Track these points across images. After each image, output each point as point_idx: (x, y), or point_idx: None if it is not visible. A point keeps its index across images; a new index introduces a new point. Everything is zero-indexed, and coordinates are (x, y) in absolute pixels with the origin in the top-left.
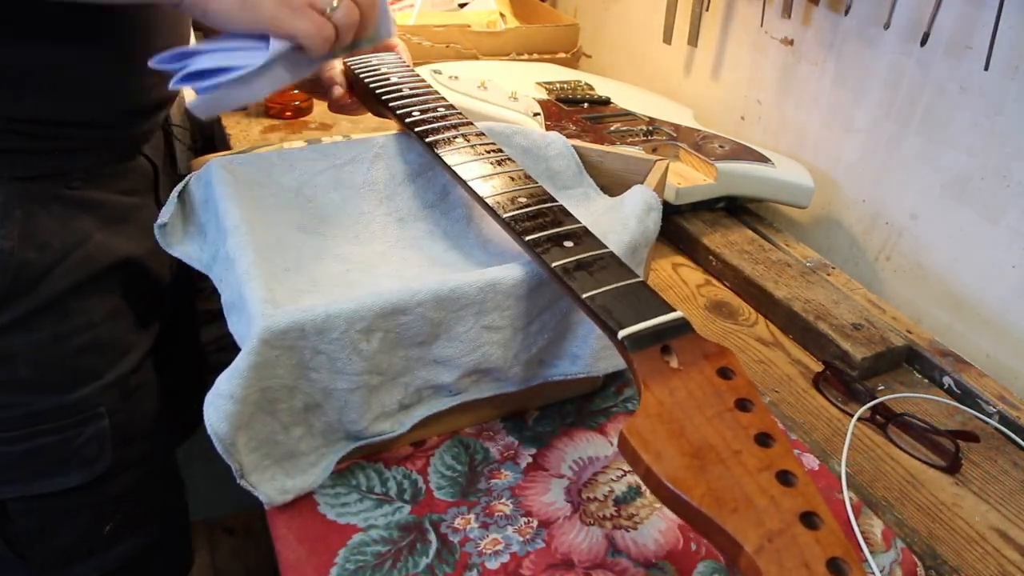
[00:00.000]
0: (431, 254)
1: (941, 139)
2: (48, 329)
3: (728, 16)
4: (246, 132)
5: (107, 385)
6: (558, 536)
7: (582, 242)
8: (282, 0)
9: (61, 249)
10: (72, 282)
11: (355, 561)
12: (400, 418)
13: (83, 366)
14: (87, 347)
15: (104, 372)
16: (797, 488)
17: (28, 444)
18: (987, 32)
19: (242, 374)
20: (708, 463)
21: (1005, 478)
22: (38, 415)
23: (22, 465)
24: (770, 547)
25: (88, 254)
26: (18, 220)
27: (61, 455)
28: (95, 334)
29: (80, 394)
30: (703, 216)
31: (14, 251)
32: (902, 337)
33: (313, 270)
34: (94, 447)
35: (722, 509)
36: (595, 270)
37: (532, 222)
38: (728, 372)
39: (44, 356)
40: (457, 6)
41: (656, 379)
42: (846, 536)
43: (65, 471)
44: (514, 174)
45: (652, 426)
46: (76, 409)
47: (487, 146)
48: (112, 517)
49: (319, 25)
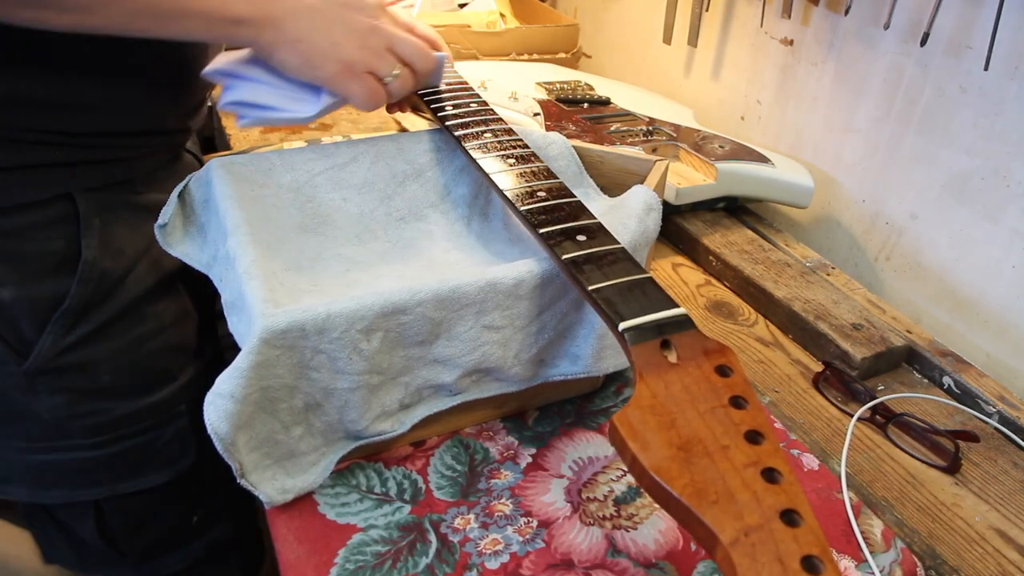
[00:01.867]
0: (431, 254)
1: (941, 139)
2: (125, 335)
3: (728, 16)
4: (246, 132)
5: (184, 385)
6: (558, 536)
7: (595, 237)
8: (345, 64)
9: (133, 255)
10: (144, 287)
11: (355, 561)
12: (400, 418)
13: (160, 369)
14: (162, 350)
15: (179, 373)
16: (781, 486)
17: (114, 448)
18: (987, 32)
19: (242, 373)
20: (694, 456)
21: (1005, 478)
22: (121, 420)
23: (109, 468)
24: (746, 540)
25: (155, 258)
26: (96, 229)
27: (146, 455)
28: (169, 337)
29: (159, 396)
30: (703, 216)
31: (96, 261)
32: (902, 337)
33: (313, 270)
34: (176, 446)
35: (702, 501)
36: (604, 264)
37: (548, 216)
38: (726, 370)
39: (123, 362)
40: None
41: (652, 372)
42: (846, 536)
43: (150, 470)
44: (536, 169)
45: (643, 416)
46: (157, 411)
47: (514, 142)
48: (198, 509)
49: (373, 91)
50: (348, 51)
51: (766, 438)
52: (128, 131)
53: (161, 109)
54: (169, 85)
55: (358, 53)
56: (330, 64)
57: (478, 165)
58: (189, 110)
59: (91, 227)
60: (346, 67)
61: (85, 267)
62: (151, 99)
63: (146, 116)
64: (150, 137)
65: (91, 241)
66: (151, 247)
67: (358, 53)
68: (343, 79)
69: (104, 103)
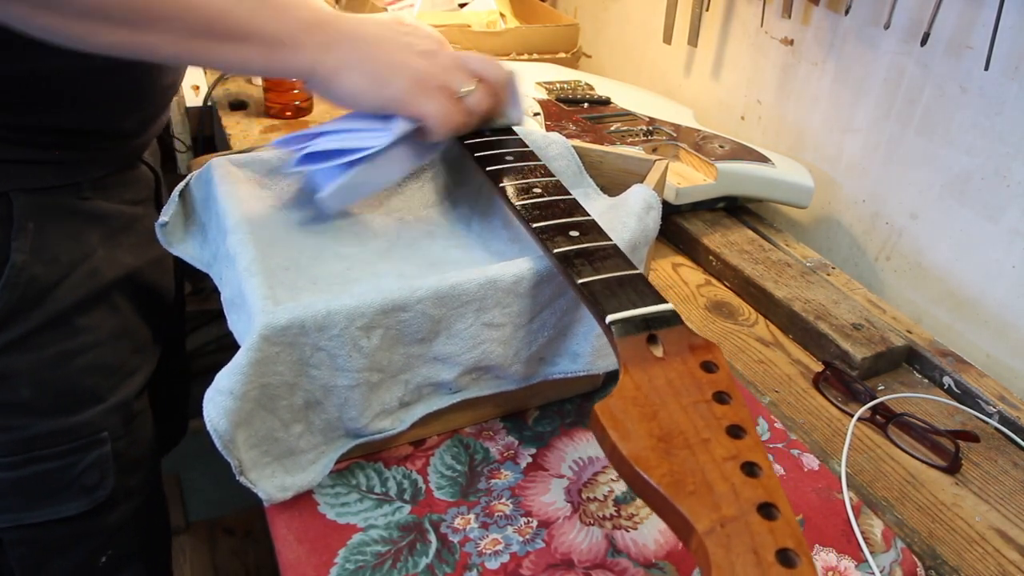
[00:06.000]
0: (431, 253)
1: (941, 139)
2: (51, 348)
3: (728, 16)
4: (246, 132)
5: (110, 409)
6: (558, 536)
7: (588, 233)
8: (417, 79)
9: (68, 264)
10: (77, 298)
11: (355, 561)
12: (400, 415)
13: (86, 388)
14: (91, 368)
15: (107, 395)
16: (760, 480)
17: (26, 470)
18: (987, 32)
19: (242, 370)
20: (674, 447)
21: (1005, 478)
22: (38, 439)
23: (18, 492)
24: (721, 531)
25: (93, 268)
26: (30, 232)
27: (60, 482)
28: (99, 354)
29: (82, 417)
30: (703, 216)
31: (25, 266)
32: (902, 337)
33: (313, 268)
34: (95, 474)
35: (680, 491)
36: (596, 260)
37: (542, 211)
38: (711, 366)
39: (47, 376)
40: (457, 6)
41: (637, 364)
42: (846, 536)
43: (64, 499)
44: (533, 167)
45: (624, 407)
46: (78, 433)
47: (512, 140)
48: (109, 548)
49: (449, 109)
50: (417, 67)
51: (748, 433)
52: (76, 129)
53: (115, 109)
54: (126, 84)
55: (429, 68)
56: (400, 79)
57: (477, 163)
58: (146, 117)
59: (24, 230)
60: (417, 81)
61: (12, 271)
62: (105, 97)
63: (97, 115)
64: (101, 139)
65: (22, 245)
66: (91, 256)
67: (429, 68)
68: (416, 95)
69: (51, 95)
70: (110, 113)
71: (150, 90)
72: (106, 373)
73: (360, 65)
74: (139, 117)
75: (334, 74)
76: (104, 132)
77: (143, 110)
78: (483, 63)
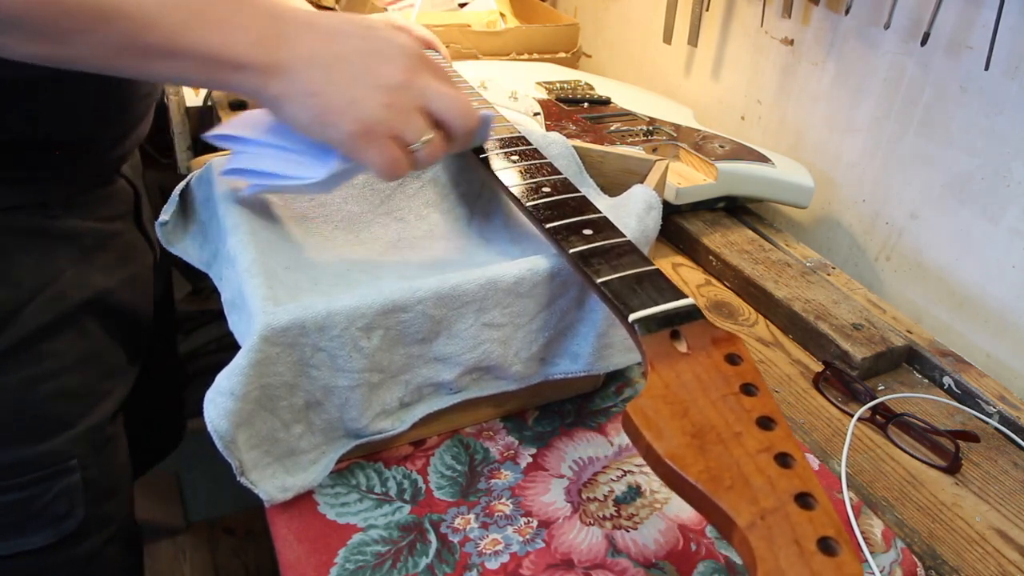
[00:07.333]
0: (431, 253)
1: (941, 139)
2: (15, 374)
3: (728, 16)
4: None
5: (79, 436)
6: (558, 536)
7: (601, 231)
8: (365, 126)
9: (32, 287)
10: (42, 322)
11: (355, 561)
12: (401, 416)
13: (53, 415)
14: (57, 394)
15: (76, 421)
16: (794, 470)
17: None
18: (987, 32)
19: (243, 371)
20: (708, 443)
21: (1005, 478)
22: (2, 468)
23: None
24: (762, 524)
25: (60, 291)
26: None
27: (27, 513)
28: (66, 379)
29: (49, 445)
30: (703, 216)
31: None
32: (902, 337)
33: (314, 269)
34: (64, 504)
35: (718, 486)
36: (612, 257)
37: (554, 211)
38: (736, 358)
39: (10, 403)
40: (457, 6)
41: (664, 362)
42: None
43: (30, 530)
44: (540, 165)
45: (656, 406)
46: (45, 462)
47: (517, 139)
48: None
49: (395, 161)
50: (369, 109)
51: (777, 424)
52: (43, 142)
53: (85, 121)
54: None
55: (381, 112)
56: (345, 123)
57: (483, 163)
58: (122, 128)
59: None
60: (365, 129)
61: None
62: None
63: (66, 127)
64: (71, 153)
65: None
66: (58, 279)
67: (381, 112)
68: (359, 143)
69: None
70: (79, 125)
71: (126, 100)
72: (74, 399)
73: (304, 100)
74: (113, 129)
75: (277, 104)
76: (74, 145)
77: (118, 122)
78: (452, 107)
